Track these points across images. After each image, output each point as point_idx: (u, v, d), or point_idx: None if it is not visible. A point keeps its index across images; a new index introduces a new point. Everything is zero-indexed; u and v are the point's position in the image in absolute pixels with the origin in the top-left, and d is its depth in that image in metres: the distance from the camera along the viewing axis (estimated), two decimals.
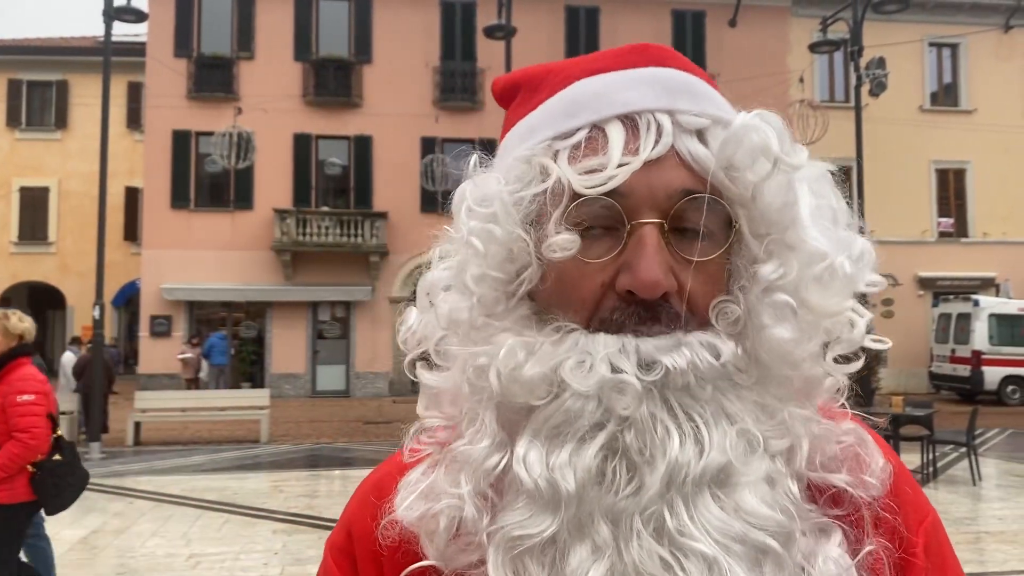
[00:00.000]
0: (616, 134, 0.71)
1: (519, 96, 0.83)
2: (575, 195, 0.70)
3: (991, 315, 21.20)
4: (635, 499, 0.66)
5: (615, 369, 0.67)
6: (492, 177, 0.76)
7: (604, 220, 0.71)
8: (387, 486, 0.79)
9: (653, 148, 0.70)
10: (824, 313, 0.72)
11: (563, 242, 0.70)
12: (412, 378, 0.81)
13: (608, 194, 0.69)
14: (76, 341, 17.92)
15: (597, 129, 0.73)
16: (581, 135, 0.73)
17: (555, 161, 0.73)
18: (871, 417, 0.81)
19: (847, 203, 0.78)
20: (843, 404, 0.78)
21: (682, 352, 0.68)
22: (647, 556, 0.65)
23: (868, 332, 0.77)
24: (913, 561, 0.76)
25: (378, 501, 0.79)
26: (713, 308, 0.71)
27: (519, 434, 0.70)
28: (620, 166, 0.69)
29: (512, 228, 0.72)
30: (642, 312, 0.69)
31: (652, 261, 0.68)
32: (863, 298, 0.78)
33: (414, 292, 0.83)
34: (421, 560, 0.74)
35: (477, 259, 0.74)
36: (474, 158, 0.79)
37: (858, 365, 0.78)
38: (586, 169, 0.70)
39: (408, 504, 0.74)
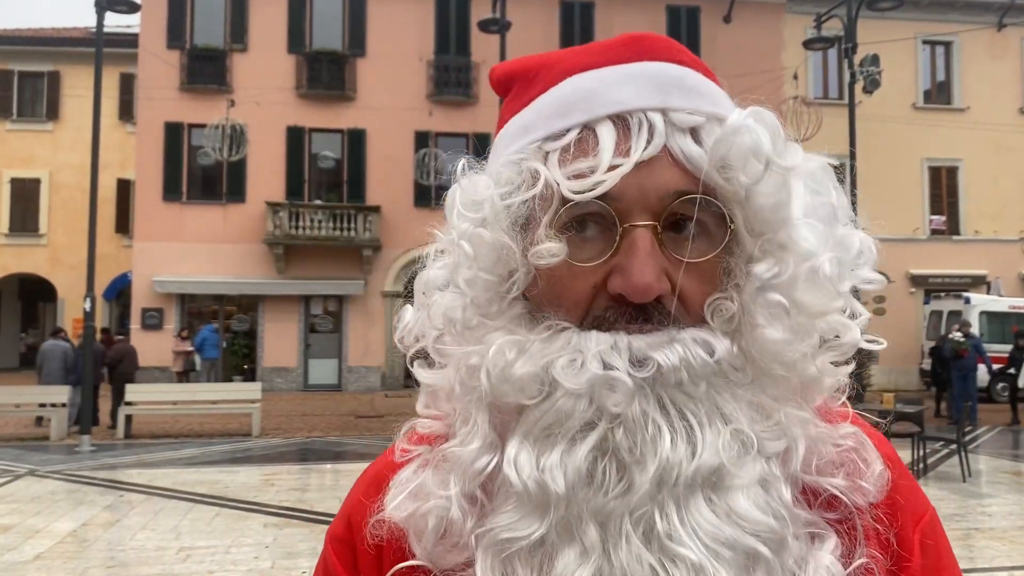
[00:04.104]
0: (607, 135, 0.70)
1: (514, 88, 0.82)
2: (565, 199, 0.69)
3: (982, 312, 21.29)
4: (624, 500, 0.65)
5: (607, 366, 0.66)
6: (483, 180, 0.75)
7: (596, 221, 0.70)
8: (385, 478, 0.79)
9: (645, 149, 0.69)
10: (814, 313, 0.71)
11: (549, 250, 0.69)
12: (412, 373, 0.81)
13: (599, 197, 0.68)
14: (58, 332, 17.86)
15: (588, 130, 0.72)
16: (571, 136, 0.72)
17: (545, 163, 0.71)
18: (872, 416, 0.80)
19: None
20: (844, 403, 0.77)
21: (674, 348, 0.67)
22: (635, 561, 0.64)
23: (863, 333, 0.76)
24: (907, 565, 0.75)
25: (377, 493, 0.79)
26: (708, 306, 0.70)
27: (510, 435, 0.69)
28: (611, 168, 0.68)
29: (499, 235, 0.71)
30: (634, 311, 0.68)
31: (644, 265, 0.66)
32: (856, 292, 0.77)
33: (407, 287, 0.82)
34: (410, 558, 0.73)
35: (467, 261, 0.73)
36: (462, 163, 0.78)
37: (851, 368, 0.77)
38: (576, 172, 0.69)
39: (397, 503, 0.74)
